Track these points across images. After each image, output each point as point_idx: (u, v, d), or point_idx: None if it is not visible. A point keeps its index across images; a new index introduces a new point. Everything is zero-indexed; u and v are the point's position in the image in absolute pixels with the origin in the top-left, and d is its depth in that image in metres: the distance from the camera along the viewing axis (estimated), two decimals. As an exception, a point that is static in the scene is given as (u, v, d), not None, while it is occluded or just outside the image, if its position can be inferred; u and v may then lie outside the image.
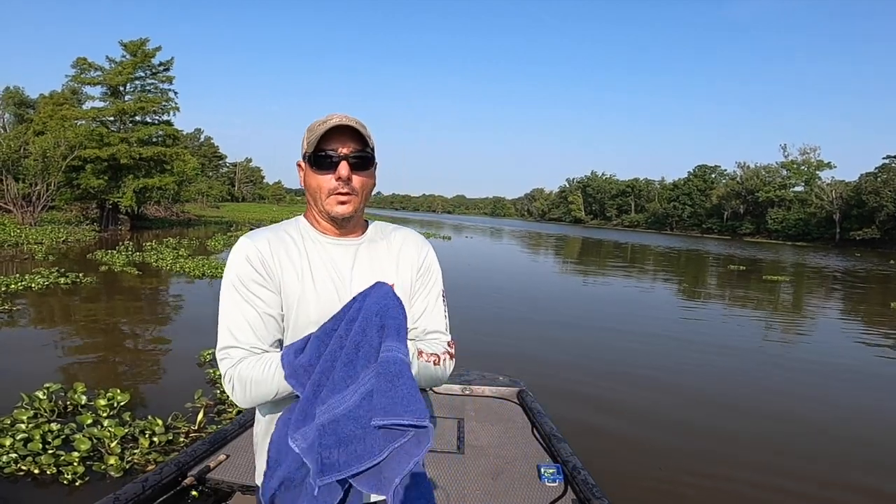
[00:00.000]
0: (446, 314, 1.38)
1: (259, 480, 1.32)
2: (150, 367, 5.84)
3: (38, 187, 22.36)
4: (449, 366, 1.30)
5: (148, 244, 17.45)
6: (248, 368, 1.15)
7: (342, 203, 1.23)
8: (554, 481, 2.55)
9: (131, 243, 17.58)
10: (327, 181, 1.22)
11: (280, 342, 1.24)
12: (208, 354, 5.68)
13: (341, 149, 1.21)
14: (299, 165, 1.29)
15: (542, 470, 2.63)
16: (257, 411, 1.32)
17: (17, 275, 10.13)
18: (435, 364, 1.25)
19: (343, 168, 1.20)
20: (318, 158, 1.21)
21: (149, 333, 7.23)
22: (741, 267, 25.03)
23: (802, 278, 22.10)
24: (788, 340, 9.60)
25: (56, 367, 5.44)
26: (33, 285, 9.36)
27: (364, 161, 1.24)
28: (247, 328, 1.18)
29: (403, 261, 1.34)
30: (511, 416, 3.31)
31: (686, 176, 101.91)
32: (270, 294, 1.20)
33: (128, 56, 24.79)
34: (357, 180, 1.23)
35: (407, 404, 0.96)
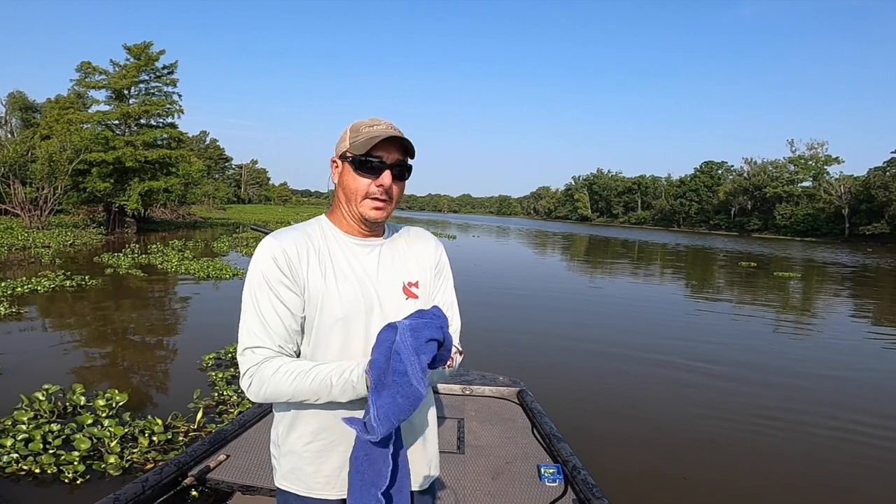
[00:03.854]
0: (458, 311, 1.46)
1: (279, 481, 1.33)
2: (153, 368, 5.85)
3: (44, 191, 22.51)
4: (458, 363, 1.37)
5: (153, 246, 17.51)
6: (274, 371, 1.17)
7: (377, 209, 1.27)
8: (554, 481, 2.53)
9: (137, 246, 17.67)
10: (366, 185, 1.25)
11: (299, 343, 1.27)
12: (210, 359, 5.66)
13: (387, 157, 1.25)
14: (334, 162, 1.31)
15: (542, 470, 2.61)
16: (276, 411, 1.34)
17: (24, 278, 10.19)
18: (448, 367, 1.28)
19: (386, 177, 1.24)
20: (364, 163, 1.24)
21: (151, 335, 7.24)
22: (752, 264, 24.85)
23: (825, 277, 21.79)
24: (809, 343, 9.50)
25: (59, 368, 5.46)
26: (39, 288, 9.42)
27: (405, 171, 1.29)
28: (271, 329, 1.21)
29: (422, 259, 1.40)
30: (511, 416, 3.29)
31: (692, 172, 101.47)
32: (294, 297, 1.22)
33: (132, 59, 24.90)
34: (394, 189, 1.28)
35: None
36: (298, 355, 1.27)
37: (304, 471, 1.28)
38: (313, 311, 1.23)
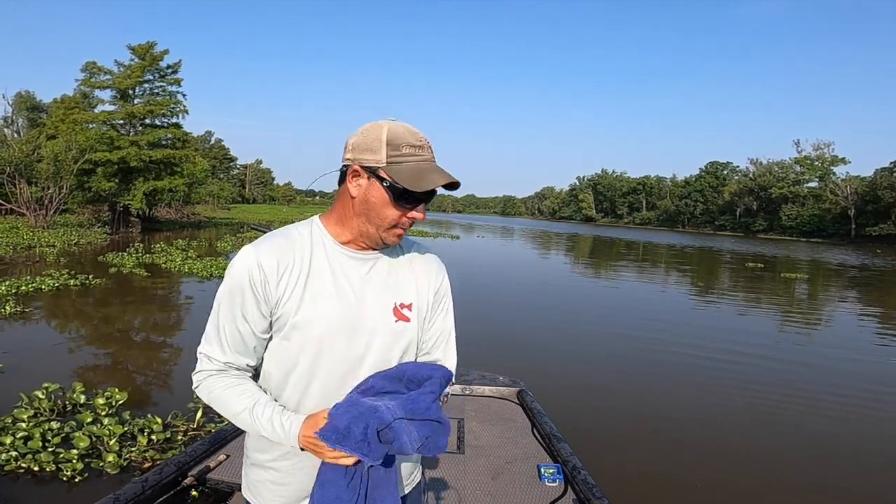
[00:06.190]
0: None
1: (244, 491, 1.30)
2: (154, 367, 5.86)
3: (50, 190, 22.64)
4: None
5: (158, 246, 17.58)
6: (220, 390, 1.17)
7: (400, 235, 1.20)
8: (554, 481, 2.52)
9: (141, 245, 17.74)
10: (399, 216, 1.15)
11: (257, 358, 1.22)
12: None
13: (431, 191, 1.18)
14: (356, 172, 1.15)
15: (542, 470, 2.60)
16: None
17: (29, 277, 10.24)
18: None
19: (422, 210, 1.17)
20: (407, 196, 1.13)
21: (154, 334, 7.26)
22: (759, 265, 24.70)
23: (837, 279, 21.60)
24: (820, 345, 9.43)
25: (60, 366, 5.47)
26: (43, 287, 9.45)
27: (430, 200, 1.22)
28: (226, 344, 1.17)
29: (422, 281, 1.28)
30: (511, 416, 3.27)
31: (697, 173, 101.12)
32: (261, 317, 1.15)
33: (136, 59, 25.01)
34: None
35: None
36: (257, 372, 1.24)
37: (267, 487, 1.24)
38: (285, 330, 1.16)
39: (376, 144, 1.12)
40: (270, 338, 1.19)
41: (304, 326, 1.15)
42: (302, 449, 1.11)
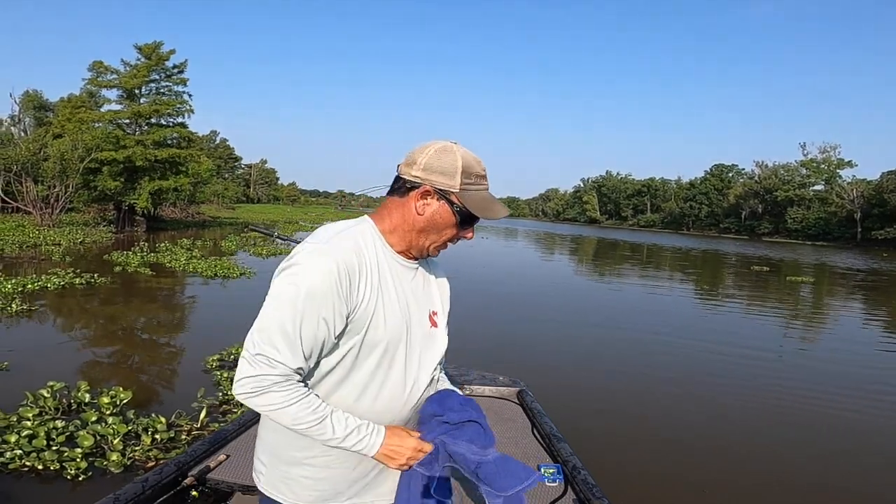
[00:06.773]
0: None
1: (265, 487, 1.29)
2: (158, 366, 5.88)
3: (56, 189, 22.72)
4: None
5: (162, 245, 17.64)
6: (294, 402, 1.12)
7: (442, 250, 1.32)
8: (554, 481, 2.51)
9: (146, 244, 17.79)
10: (454, 234, 1.28)
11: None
12: (213, 361, 5.62)
13: None
14: (428, 192, 1.22)
15: (542, 470, 2.59)
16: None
17: (35, 275, 10.30)
18: None
19: (472, 230, 1.30)
20: (473, 219, 1.26)
21: (158, 334, 7.29)
22: (764, 268, 24.61)
23: (847, 282, 21.51)
24: (824, 347, 9.41)
25: (65, 365, 5.50)
26: (49, 285, 9.50)
27: None
28: (303, 351, 1.12)
29: (443, 290, 1.42)
30: (511, 416, 3.27)
31: (703, 175, 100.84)
32: (342, 322, 1.15)
33: (142, 59, 25.12)
34: None
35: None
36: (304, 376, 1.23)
37: (301, 483, 1.24)
38: (356, 333, 1.18)
39: (452, 170, 1.21)
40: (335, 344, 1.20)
41: (375, 331, 1.19)
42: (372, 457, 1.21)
